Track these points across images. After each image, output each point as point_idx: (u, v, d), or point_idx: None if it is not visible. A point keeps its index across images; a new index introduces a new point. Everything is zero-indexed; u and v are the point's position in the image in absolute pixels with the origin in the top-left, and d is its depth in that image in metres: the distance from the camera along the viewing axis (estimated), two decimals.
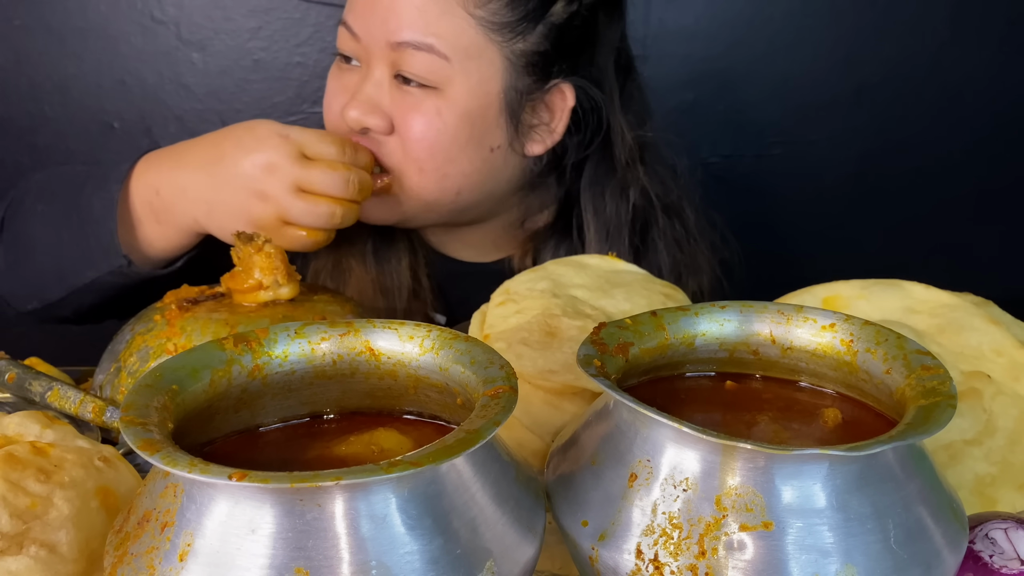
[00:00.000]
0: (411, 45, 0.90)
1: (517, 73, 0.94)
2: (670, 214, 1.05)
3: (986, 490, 0.57)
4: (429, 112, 0.92)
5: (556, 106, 0.98)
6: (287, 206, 0.85)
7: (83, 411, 0.70)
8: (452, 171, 0.94)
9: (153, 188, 0.89)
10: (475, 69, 0.92)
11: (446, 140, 0.93)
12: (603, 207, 1.02)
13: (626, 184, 1.03)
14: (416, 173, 0.94)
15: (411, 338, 0.51)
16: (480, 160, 0.96)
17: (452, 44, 0.91)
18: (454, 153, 0.94)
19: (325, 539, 0.39)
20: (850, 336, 0.53)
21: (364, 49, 0.93)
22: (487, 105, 0.94)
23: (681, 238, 1.06)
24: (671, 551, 0.44)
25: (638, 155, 1.03)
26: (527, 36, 0.93)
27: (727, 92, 1.53)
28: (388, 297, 1.01)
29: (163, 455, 0.39)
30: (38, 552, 0.48)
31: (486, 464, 0.45)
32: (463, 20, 0.91)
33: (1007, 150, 1.60)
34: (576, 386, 0.61)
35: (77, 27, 1.45)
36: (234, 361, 0.49)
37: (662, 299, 0.71)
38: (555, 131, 0.99)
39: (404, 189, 0.95)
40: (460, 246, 1.07)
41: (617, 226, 1.02)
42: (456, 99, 0.92)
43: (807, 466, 0.43)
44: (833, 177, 1.59)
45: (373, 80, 0.93)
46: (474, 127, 0.94)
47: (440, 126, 0.92)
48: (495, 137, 0.96)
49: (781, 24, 1.52)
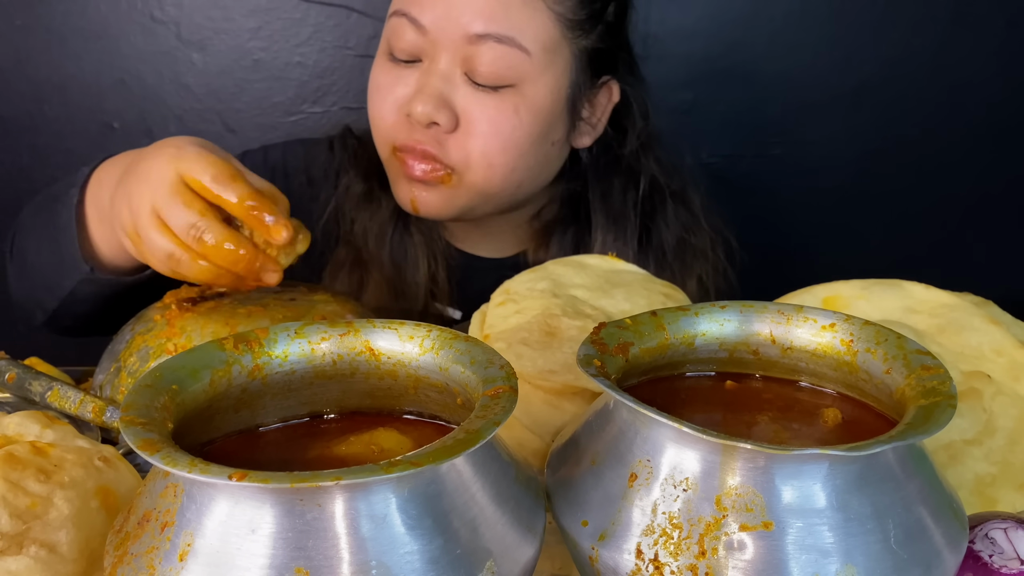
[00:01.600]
0: (492, 37, 0.89)
1: (581, 70, 0.96)
2: (676, 199, 1.07)
3: (986, 490, 0.57)
4: (507, 110, 0.91)
5: (601, 102, 1.01)
6: (141, 224, 0.76)
7: (83, 411, 0.70)
8: (520, 165, 0.95)
9: (99, 184, 0.86)
10: (552, 65, 0.93)
11: (520, 137, 0.93)
12: (611, 193, 1.04)
13: (636, 171, 1.04)
14: (484, 168, 0.93)
15: (411, 338, 0.51)
16: (543, 154, 0.97)
17: (533, 38, 0.91)
18: (526, 148, 0.94)
19: (325, 539, 0.39)
20: (850, 336, 0.53)
21: (431, 42, 0.91)
22: (557, 101, 0.95)
23: (687, 222, 1.07)
24: (671, 551, 0.44)
25: (647, 142, 1.05)
26: (590, 34, 0.95)
27: (727, 92, 1.53)
28: (404, 294, 1.01)
29: (163, 455, 0.39)
30: (38, 552, 0.48)
31: (486, 464, 0.45)
32: (544, 15, 0.91)
33: (1007, 150, 1.60)
34: (576, 386, 0.61)
35: (77, 27, 1.45)
36: (234, 361, 0.49)
37: (662, 299, 0.71)
38: (598, 124, 1.02)
39: (466, 183, 0.94)
40: (477, 241, 1.08)
41: (624, 211, 1.04)
42: (533, 96, 0.92)
43: (807, 466, 0.43)
44: (833, 177, 1.59)
45: (439, 75, 0.91)
46: (544, 123, 0.95)
47: (516, 123, 0.92)
48: (557, 131, 0.97)
49: (781, 24, 1.52)
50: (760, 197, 1.51)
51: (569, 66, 0.95)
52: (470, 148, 0.92)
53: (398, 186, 0.98)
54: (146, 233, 0.75)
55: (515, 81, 0.91)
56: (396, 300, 1.01)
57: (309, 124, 1.51)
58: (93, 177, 0.87)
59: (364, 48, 1.48)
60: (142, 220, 0.75)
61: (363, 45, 1.48)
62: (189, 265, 0.74)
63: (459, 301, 1.05)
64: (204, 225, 0.73)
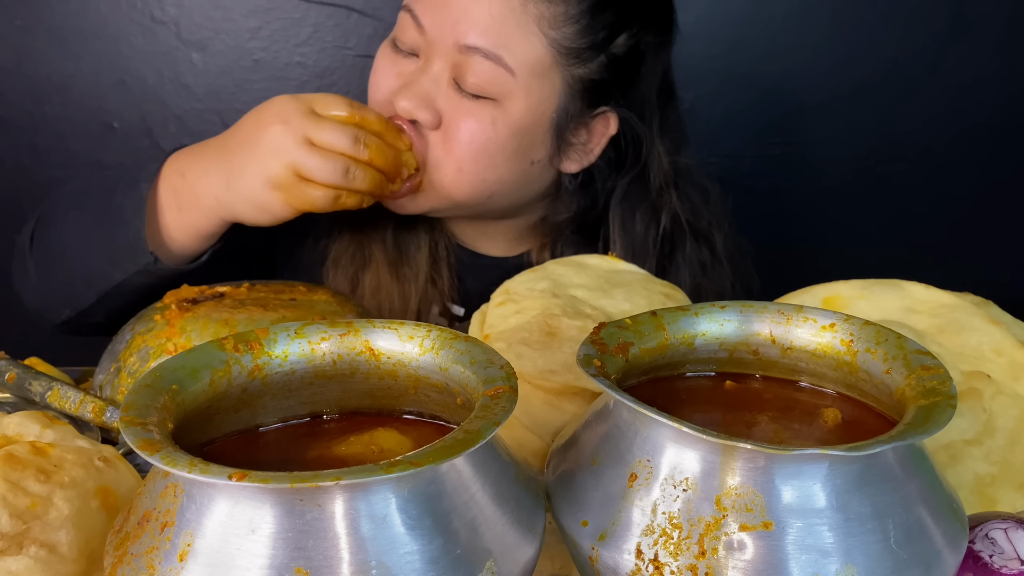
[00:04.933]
0: (480, 52, 0.90)
1: (572, 96, 0.96)
2: (698, 238, 1.06)
3: (986, 490, 0.57)
4: (484, 121, 0.92)
5: (597, 130, 1.00)
6: (300, 160, 0.84)
7: (83, 411, 0.70)
8: (491, 177, 0.95)
9: (179, 172, 0.90)
10: (537, 87, 0.93)
11: (493, 149, 0.93)
12: (632, 226, 1.03)
13: (658, 207, 1.04)
14: (454, 172, 0.94)
15: (411, 338, 0.51)
16: (519, 171, 0.97)
17: (520, 60, 0.91)
18: (498, 162, 0.94)
19: (325, 539, 0.39)
20: (850, 336, 0.53)
21: (428, 43, 0.93)
22: (539, 123, 0.95)
23: (707, 262, 1.06)
24: (671, 551, 0.44)
25: (672, 180, 1.04)
26: (588, 63, 0.95)
27: (727, 92, 1.53)
28: (405, 283, 1.02)
29: (163, 455, 0.39)
30: (38, 552, 0.48)
31: (486, 464, 0.45)
32: (536, 38, 0.91)
33: (1007, 150, 1.59)
34: (576, 386, 0.61)
35: (77, 27, 1.45)
36: (234, 361, 0.49)
37: (662, 299, 0.71)
38: (591, 153, 1.01)
39: (435, 184, 0.94)
40: (481, 239, 1.08)
41: (644, 246, 1.03)
42: (512, 113, 0.92)
43: (807, 466, 0.43)
44: (833, 177, 1.59)
45: (430, 75, 0.92)
46: (522, 141, 0.95)
47: (491, 135, 0.92)
48: (538, 152, 0.97)
49: (781, 25, 1.52)
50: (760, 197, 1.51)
51: (558, 91, 0.94)
52: (444, 149, 0.93)
53: None
54: (311, 163, 0.84)
55: (497, 96, 0.92)
56: (397, 284, 1.01)
57: None
58: (169, 168, 0.91)
59: (364, 48, 1.48)
60: (298, 155, 0.84)
61: (363, 45, 1.48)
62: (363, 175, 0.86)
63: (461, 297, 1.05)
64: (363, 135, 0.86)
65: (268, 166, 0.85)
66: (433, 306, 1.03)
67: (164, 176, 0.90)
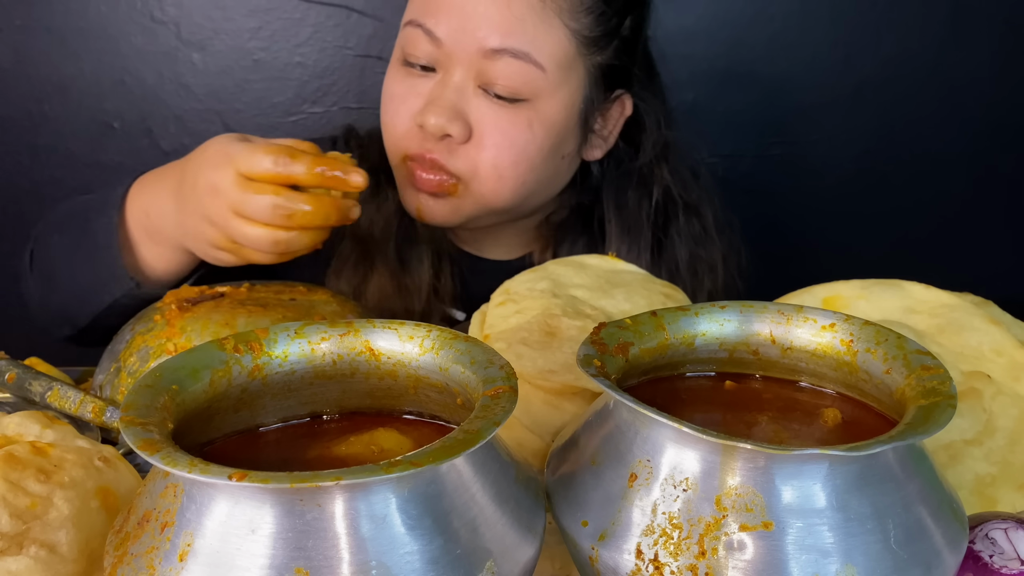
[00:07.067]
0: (508, 53, 0.89)
1: (593, 85, 0.96)
2: (690, 212, 1.07)
3: (986, 490, 0.57)
4: (520, 124, 0.91)
5: (614, 115, 1.01)
6: (234, 231, 0.80)
7: (83, 411, 0.70)
8: (531, 179, 0.95)
9: (143, 211, 0.89)
10: (565, 81, 0.93)
11: (533, 151, 0.93)
12: (625, 204, 1.04)
13: (650, 182, 1.04)
14: (495, 180, 0.93)
15: (411, 338, 0.51)
16: (553, 167, 0.97)
17: (548, 55, 0.91)
18: (537, 163, 0.94)
19: (325, 539, 0.39)
20: (850, 336, 0.53)
21: (446, 55, 0.91)
22: (571, 116, 0.95)
23: (699, 236, 1.07)
24: (671, 551, 0.44)
25: (663, 153, 1.05)
26: (605, 50, 0.95)
27: (727, 92, 1.53)
28: (407, 295, 1.01)
29: (163, 455, 0.39)
30: (38, 552, 0.48)
31: (486, 464, 0.45)
32: (560, 31, 0.91)
33: (1007, 150, 1.59)
34: (576, 386, 0.61)
35: (77, 27, 1.45)
36: (234, 361, 0.49)
37: (662, 299, 0.71)
38: (611, 136, 1.02)
39: (474, 195, 0.94)
40: (485, 244, 1.08)
41: (638, 223, 1.04)
42: (546, 111, 0.92)
43: (807, 466, 0.43)
44: (833, 177, 1.59)
45: (453, 86, 0.91)
46: (557, 137, 0.95)
47: (530, 137, 0.92)
48: (568, 145, 0.98)
49: (781, 24, 1.52)
50: (760, 197, 1.51)
51: (583, 82, 0.95)
52: (481, 159, 0.92)
53: (406, 193, 0.98)
54: (242, 234, 0.79)
55: (530, 96, 0.91)
56: (400, 296, 1.01)
57: (309, 124, 1.51)
58: (131, 201, 0.89)
59: (364, 48, 1.48)
60: (231, 227, 0.79)
61: (363, 45, 1.48)
62: (297, 240, 0.80)
63: (463, 302, 1.05)
64: (284, 201, 0.78)
65: (208, 234, 0.82)
66: (434, 312, 1.03)
67: (130, 211, 0.89)
